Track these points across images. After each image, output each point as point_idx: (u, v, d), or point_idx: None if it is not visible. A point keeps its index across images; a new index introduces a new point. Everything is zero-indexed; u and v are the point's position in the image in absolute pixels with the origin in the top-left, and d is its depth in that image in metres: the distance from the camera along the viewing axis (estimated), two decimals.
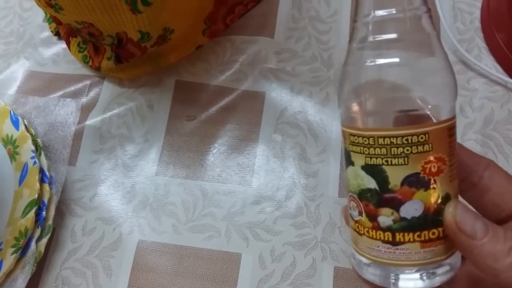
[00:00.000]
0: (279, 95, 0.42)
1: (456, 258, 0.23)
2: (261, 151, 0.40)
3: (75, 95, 0.43)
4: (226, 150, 0.40)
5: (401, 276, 0.22)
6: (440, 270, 0.22)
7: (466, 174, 0.24)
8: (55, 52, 0.46)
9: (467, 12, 0.45)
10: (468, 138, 0.40)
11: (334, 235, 0.37)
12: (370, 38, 0.21)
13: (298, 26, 0.45)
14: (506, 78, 0.42)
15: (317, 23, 0.46)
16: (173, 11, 0.37)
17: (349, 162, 0.23)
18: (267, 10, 0.46)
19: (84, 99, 0.43)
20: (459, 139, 0.40)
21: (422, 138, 0.21)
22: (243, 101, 0.42)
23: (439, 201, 0.21)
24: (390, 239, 0.22)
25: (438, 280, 0.22)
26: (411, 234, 0.21)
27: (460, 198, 0.24)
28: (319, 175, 0.39)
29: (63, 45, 0.45)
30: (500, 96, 0.42)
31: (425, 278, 0.22)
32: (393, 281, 0.22)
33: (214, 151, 0.40)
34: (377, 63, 0.21)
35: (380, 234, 0.22)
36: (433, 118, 0.21)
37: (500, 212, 0.24)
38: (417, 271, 0.22)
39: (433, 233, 0.21)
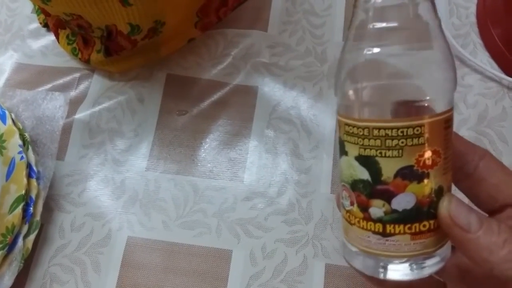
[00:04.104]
0: (272, 90, 0.42)
1: (446, 250, 0.23)
2: (253, 146, 0.40)
3: (64, 88, 0.42)
4: (217, 145, 0.40)
5: (390, 266, 0.22)
6: (429, 262, 0.22)
7: (461, 164, 0.24)
8: (44, 44, 0.45)
9: (463, 7, 0.45)
10: (462, 135, 0.39)
11: (325, 232, 0.36)
12: (370, 25, 0.21)
13: (292, 19, 0.45)
14: (501, 74, 0.41)
15: (311, 17, 0.45)
16: (165, 3, 0.36)
17: (343, 151, 0.23)
18: (260, 3, 0.45)
19: (73, 92, 0.42)
20: None
21: (417, 130, 0.20)
22: (235, 96, 0.41)
23: (432, 194, 0.21)
24: (381, 230, 0.22)
25: (427, 271, 0.22)
26: (401, 226, 0.21)
27: (454, 187, 0.23)
28: (312, 171, 0.38)
29: (51, 37, 0.44)
30: (494, 93, 0.41)
31: (414, 269, 0.22)
32: (382, 271, 0.22)
33: (205, 146, 0.40)
34: (375, 52, 0.21)
35: (370, 225, 0.22)
36: (430, 110, 0.21)
37: (494, 203, 0.24)
38: (406, 262, 0.22)
39: (424, 226, 0.21)
